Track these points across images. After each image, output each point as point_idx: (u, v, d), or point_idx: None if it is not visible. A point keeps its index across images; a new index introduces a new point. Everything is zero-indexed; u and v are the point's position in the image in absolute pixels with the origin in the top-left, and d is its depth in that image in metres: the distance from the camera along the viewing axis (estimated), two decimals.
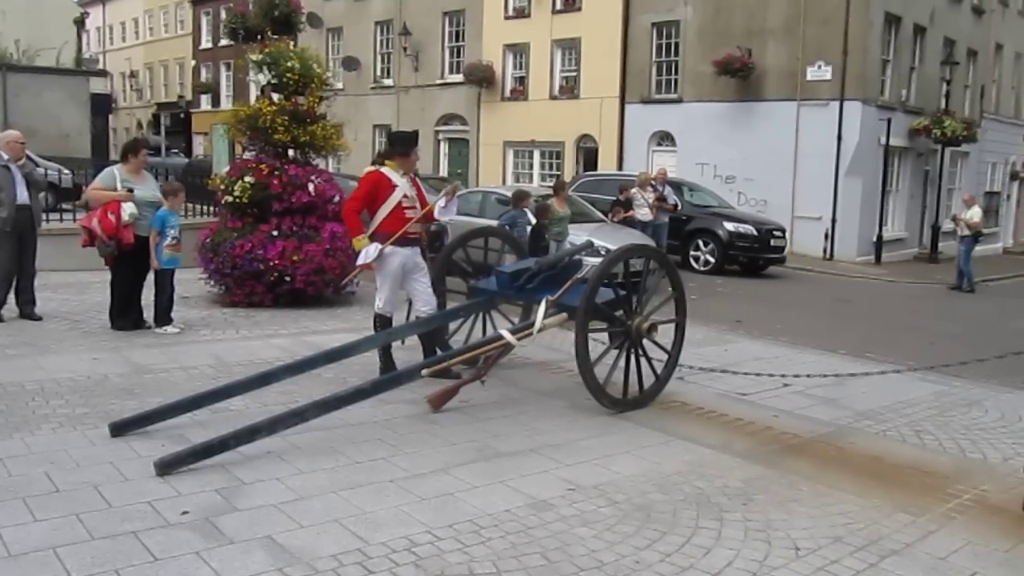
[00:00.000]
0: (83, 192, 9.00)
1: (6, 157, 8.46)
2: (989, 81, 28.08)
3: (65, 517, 4.05)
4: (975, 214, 17.75)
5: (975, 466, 5.65)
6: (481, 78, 26.92)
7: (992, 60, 28.30)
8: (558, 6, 25.65)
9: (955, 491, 5.11)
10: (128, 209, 7.90)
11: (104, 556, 3.70)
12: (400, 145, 6.95)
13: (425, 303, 6.94)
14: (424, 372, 6.00)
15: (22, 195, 8.56)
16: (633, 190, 15.79)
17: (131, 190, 8.01)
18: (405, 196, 6.77)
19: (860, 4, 20.58)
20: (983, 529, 4.56)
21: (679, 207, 17.00)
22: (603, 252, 10.37)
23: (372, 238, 6.70)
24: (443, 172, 27.95)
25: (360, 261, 6.75)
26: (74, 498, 4.28)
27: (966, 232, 17.48)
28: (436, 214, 7.11)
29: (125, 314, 8.30)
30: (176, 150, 39.35)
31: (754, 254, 17.72)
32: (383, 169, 6.82)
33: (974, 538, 4.43)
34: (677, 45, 23.47)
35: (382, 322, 6.93)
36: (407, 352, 7.27)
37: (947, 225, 20.91)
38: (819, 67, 20.91)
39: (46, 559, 3.65)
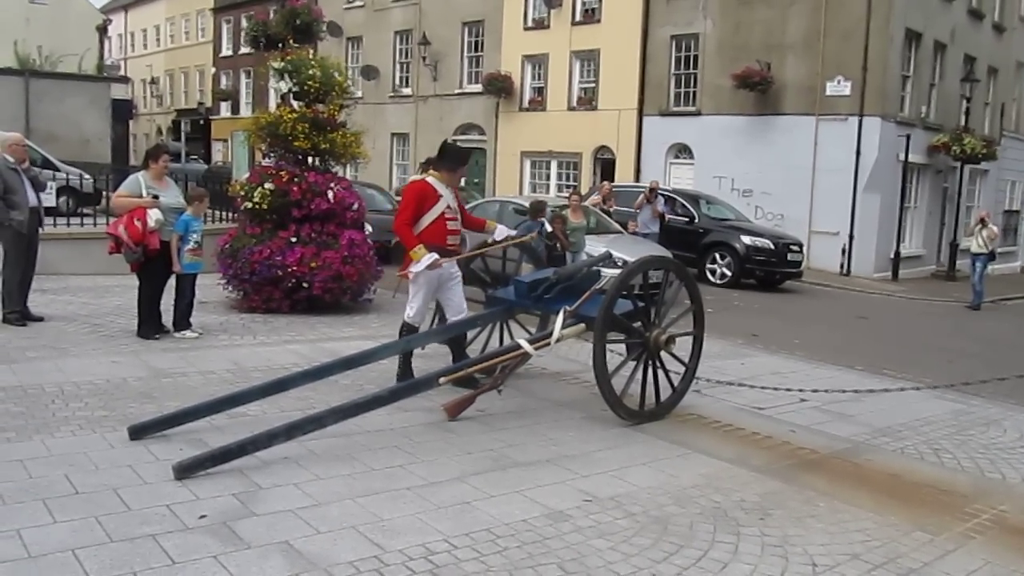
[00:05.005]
0: (103, 197, 9.05)
1: (12, 160, 8.42)
2: (1010, 99, 27.96)
3: (84, 519, 4.08)
4: (992, 230, 17.73)
5: (994, 486, 5.62)
6: (499, 88, 27.02)
7: (1013, 78, 28.19)
8: (577, 17, 25.73)
9: (973, 511, 5.07)
10: (154, 215, 7.89)
11: (122, 558, 3.72)
12: (451, 160, 6.94)
13: (456, 312, 6.92)
14: (441, 380, 6.00)
15: (33, 198, 8.63)
16: (595, 197, 16.97)
17: (156, 197, 8.03)
18: (448, 207, 6.76)
19: (880, 20, 20.55)
20: (1002, 549, 4.52)
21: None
22: (621, 264, 10.36)
23: None
24: (460, 182, 27.97)
25: (419, 268, 6.53)
26: (93, 500, 4.31)
27: (983, 249, 17.37)
28: (497, 235, 7.23)
29: (151, 320, 8.29)
30: (195, 156, 39.65)
31: (771, 268, 17.68)
32: (428, 179, 6.79)
33: (993, 558, 4.39)
34: (696, 58, 23.49)
35: (409, 331, 6.87)
36: (425, 360, 7.28)
37: (964, 242, 20.79)
38: (838, 82, 20.88)
39: (65, 560, 3.68)
